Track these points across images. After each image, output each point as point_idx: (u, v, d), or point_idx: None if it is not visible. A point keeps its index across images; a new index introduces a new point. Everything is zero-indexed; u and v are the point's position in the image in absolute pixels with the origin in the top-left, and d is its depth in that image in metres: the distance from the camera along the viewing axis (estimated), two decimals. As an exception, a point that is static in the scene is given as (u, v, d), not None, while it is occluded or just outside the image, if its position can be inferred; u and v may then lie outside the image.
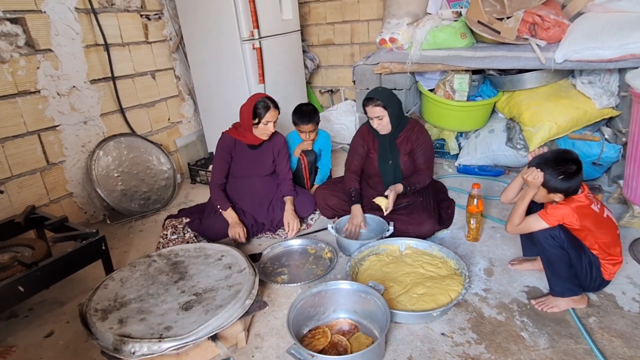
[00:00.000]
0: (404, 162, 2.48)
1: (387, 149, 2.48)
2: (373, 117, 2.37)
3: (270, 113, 2.41)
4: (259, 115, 2.40)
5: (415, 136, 2.46)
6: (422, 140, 2.46)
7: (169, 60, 3.49)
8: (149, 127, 3.37)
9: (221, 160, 2.53)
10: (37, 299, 2.17)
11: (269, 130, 2.46)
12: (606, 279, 1.77)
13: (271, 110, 2.41)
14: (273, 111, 2.42)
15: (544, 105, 2.80)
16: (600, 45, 2.44)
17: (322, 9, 4.32)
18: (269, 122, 2.43)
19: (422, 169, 2.46)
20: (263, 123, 2.42)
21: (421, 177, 2.45)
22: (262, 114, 2.39)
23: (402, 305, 1.84)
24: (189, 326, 1.57)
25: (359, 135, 2.58)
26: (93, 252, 2.12)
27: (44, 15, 2.59)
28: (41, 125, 2.65)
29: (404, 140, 2.48)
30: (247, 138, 2.50)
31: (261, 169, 2.60)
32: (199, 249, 2.12)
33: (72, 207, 2.87)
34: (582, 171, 1.66)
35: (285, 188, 2.65)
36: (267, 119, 2.41)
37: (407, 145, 2.48)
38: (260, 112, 2.39)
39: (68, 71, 2.74)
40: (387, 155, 2.49)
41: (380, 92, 2.37)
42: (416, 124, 2.51)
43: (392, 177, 2.50)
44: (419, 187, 2.45)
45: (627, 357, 1.55)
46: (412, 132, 2.46)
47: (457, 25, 2.98)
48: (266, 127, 2.44)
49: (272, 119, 2.43)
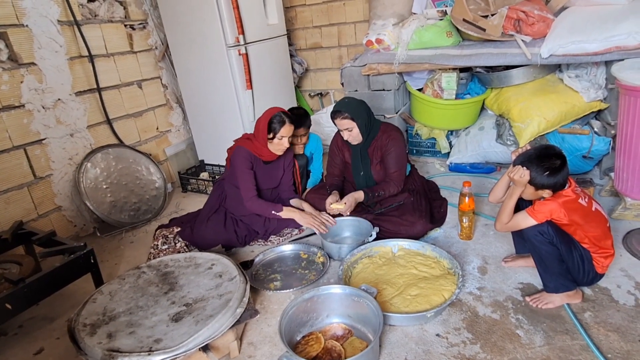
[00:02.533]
0: (377, 172, 2.46)
1: (359, 159, 2.47)
2: (342, 129, 2.35)
3: (286, 128, 2.34)
4: (274, 130, 2.34)
5: (385, 142, 2.42)
6: (391, 146, 2.41)
7: (155, 69, 3.47)
8: (137, 137, 3.35)
9: (247, 173, 2.42)
10: (27, 316, 2.13)
11: (284, 145, 2.39)
12: (599, 273, 1.76)
13: (286, 125, 2.34)
14: (288, 126, 2.35)
15: (532, 101, 2.80)
16: (585, 39, 2.44)
17: (308, 13, 4.32)
18: (284, 137, 2.36)
19: (391, 177, 2.43)
20: (278, 138, 2.36)
21: (389, 185, 2.42)
22: (277, 129, 2.33)
23: (396, 308, 1.82)
24: (179, 338, 1.55)
25: (334, 144, 2.58)
26: (82, 266, 2.08)
27: (26, 29, 2.57)
28: (27, 140, 2.62)
29: (376, 149, 2.45)
30: (263, 155, 2.43)
31: (270, 183, 2.58)
32: (189, 258, 2.10)
33: (61, 220, 2.83)
34: (567, 165, 1.66)
35: (288, 195, 2.64)
36: (282, 134, 2.35)
37: (378, 154, 2.45)
38: (275, 127, 2.34)
39: (52, 84, 2.72)
40: (359, 166, 2.48)
41: (347, 103, 2.34)
42: (388, 129, 2.45)
43: (363, 182, 2.50)
44: (385, 195, 2.43)
45: (624, 351, 1.54)
46: (382, 140, 2.42)
47: (442, 24, 2.98)
48: (281, 142, 2.37)
49: (287, 134, 2.36)
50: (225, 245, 2.48)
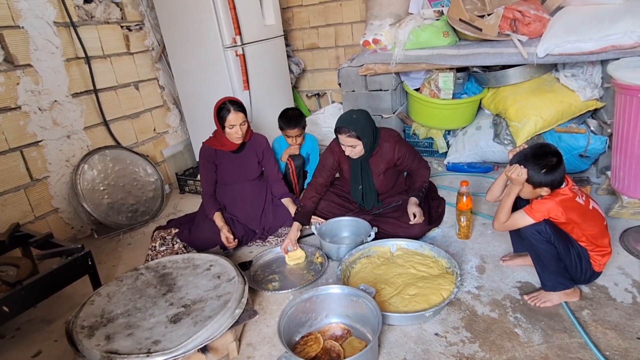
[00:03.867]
0: (380, 182, 2.40)
1: (358, 172, 2.39)
2: (346, 145, 2.23)
3: (232, 115, 2.30)
4: (222, 119, 2.33)
5: (392, 153, 2.33)
6: (402, 152, 2.34)
7: (152, 70, 3.47)
8: (135, 138, 3.34)
9: (206, 171, 2.51)
10: (24, 318, 2.12)
11: (236, 133, 2.36)
12: (597, 271, 1.76)
13: (232, 113, 2.30)
14: (235, 113, 2.31)
15: (529, 100, 2.81)
16: (581, 38, 2.45)
17: (305, 14, 4.32)
18: (234, 126, 2.33)
19: (417, 168, 2.40)
20: (228, 127, 2.34)
21: (420, 174, 2.40)
22: (225, 117, 2.32)
23: (395, 307, 1.82)
24: (178, 339, 1.54)
25: (329, 152, 2.44)
26: (79, 268, 2.08)
27: (22, 30, 2.56)
28: (23, 142, 2.61)
29: (378, 159, 2.36)
30: (224, 145, 2.45)
31: (247, 173, 2.57)
32: (187, 259, 2.09)
33: (58, 223, 2.82)
34: (563, 163, 1.66)
35: (279, 190, 2.62)
36: (231, 122, 2.32)
37: (382, 164, 2.36)
38: (223, 116, 2.32)
39: (49, 86, 2.71)
40: (358, 180, 2.41)
41: (355, 120, 2.19)
42: (386, 136, 2.35)
43: (361, 200, 2.47)
44: (427, 184, 2.40)
45: (622, 349, 1.54)
46: (386, 149, 2.33)
47: (439, 24, 2.99)
48: (232, 130, 2.35)
49: (236, 122, 2.32)
50: (223, 246, 2.48)
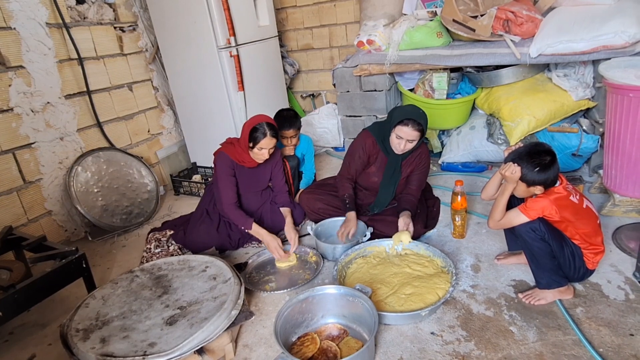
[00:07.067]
0: (401, 185, 2.44)
1: (393, 170, 2.38)
2: (406, 138, 2.17)
3: (266, 140, 2.29)
4: (254, 140, 2.29)
5: (418, 160, 2.38)
6: (424, 164, 2.39)
7: (146, 71, 3.45)
8: (129, 140, 3.32)
9: (227, 179, 2.40)
10: (18, 322, 2.10)
11: (264, 156, 2.35)
12: (590, 269, 1.78)
13: (267, 138, 2.28)
14: (269, 139, 2.29)
15: (522, 100, 2.83)
16: (573, 38, 2.47)
17: (299, 14, 4.32)
18: (263, 149, 2.32)
19: (414, 196, 2.38)
20: (257, 148, 2.31)
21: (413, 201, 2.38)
22: (258, 140, 2.28)
23: (391, 307, 1.83)
24: (174, 341, 1.54)
25: (361, 146, 2.40)
26: (73, 271, 2.06)
27: (14, 31, 2.54)
28: (16, 144, 2.58)
29: (408, 163, 2.39)
30: (244, 162, 2.39)
31: (257, 186, 2.56)
32: (183, 261, 2.09)
33: (51, 225, 2.80)
34: (557, 161, 1.68)
35: (282, 199, 2.60)
36: (262, 146, 2.30)
37: (408, 168, 2.40)
38: (257, 137, 2.29)
39: (41, 87, 2.69)
40: (391, 177, 2.39)
41: (422, 115, 2.18)
42: (425, 146, 2.42)
43: (387, 198, 2.46)
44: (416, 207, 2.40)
45: (615, 345, 1.56)
46: (418, 155, 2.37)
47: (432, 25, 3.00)
48: (260, 152, 2.33)
49: (267, 146, 2.31)
50: (219, 247, 2.48)
